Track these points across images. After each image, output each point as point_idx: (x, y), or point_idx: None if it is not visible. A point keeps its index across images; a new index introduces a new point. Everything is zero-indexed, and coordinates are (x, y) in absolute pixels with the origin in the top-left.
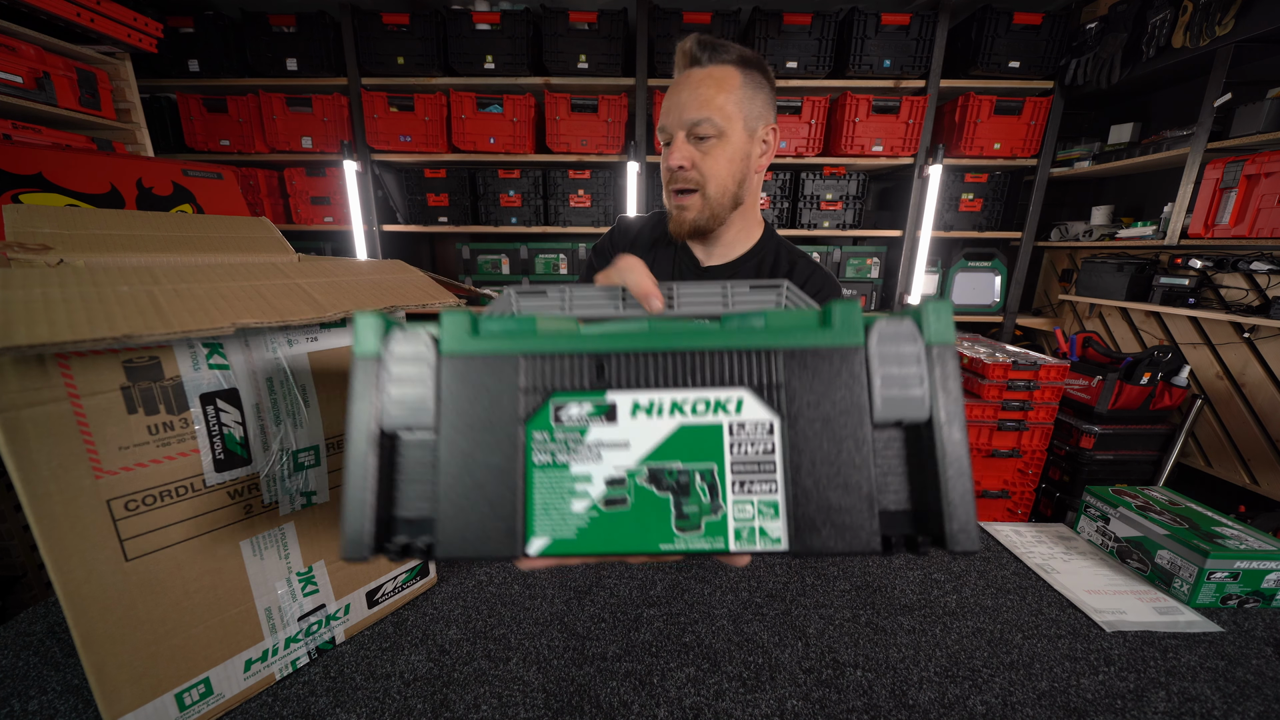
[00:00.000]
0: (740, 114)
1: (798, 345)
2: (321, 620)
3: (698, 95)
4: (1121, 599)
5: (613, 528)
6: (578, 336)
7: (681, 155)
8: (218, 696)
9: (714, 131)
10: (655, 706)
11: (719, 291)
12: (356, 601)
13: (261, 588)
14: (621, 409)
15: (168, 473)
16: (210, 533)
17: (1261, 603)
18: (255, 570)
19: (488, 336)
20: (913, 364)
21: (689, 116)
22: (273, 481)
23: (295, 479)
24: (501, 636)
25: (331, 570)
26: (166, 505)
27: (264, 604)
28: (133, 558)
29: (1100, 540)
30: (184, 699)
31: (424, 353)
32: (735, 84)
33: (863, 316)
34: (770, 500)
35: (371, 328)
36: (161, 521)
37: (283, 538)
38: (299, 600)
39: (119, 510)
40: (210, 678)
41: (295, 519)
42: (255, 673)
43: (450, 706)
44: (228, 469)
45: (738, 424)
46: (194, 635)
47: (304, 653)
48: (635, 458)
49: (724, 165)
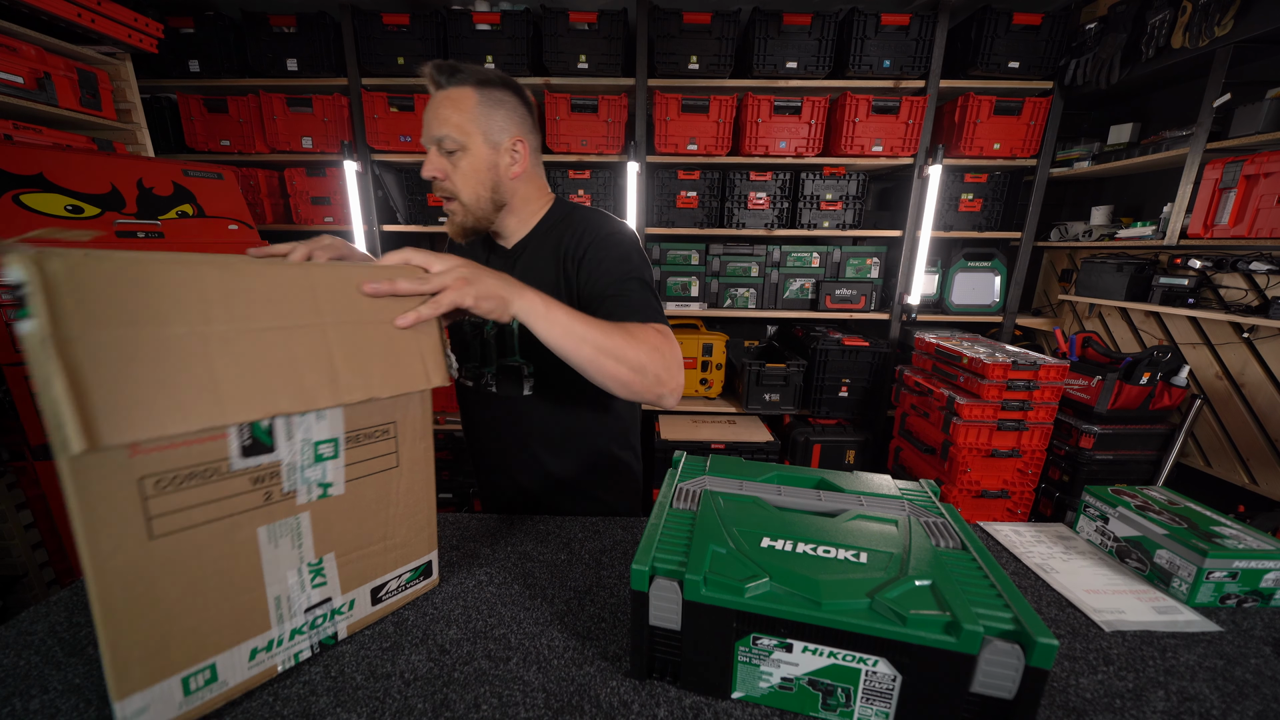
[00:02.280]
0: (478, 129)
1: (927, 644)
2: (326, 614)
3: (437, 115)
4: (1120, 598)
5: (784, 699)
6: (771, 597)
7: (433, 167)
8: (222, 684)
9: (455, 146)
10: (655, 706)
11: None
12: (361, 597)
13: (274, 575)
14: (796, 647)
15: (197, 455)
16: (231, 517)
17: (1260, 602)
18: (269, 557)
19: (712, 589)
20: (1009, 680)
21: (433, 133)
22: (293, 470)
23: (314, 469)
24: (501, 636)
25: (341, 563)
26: (193, 487)
27: (274, 592)
28: (157, 536)
29: (1099, 540)
30: (190, 683)
31: (674, 595)
32: (470, 103)
33: (981, 630)
34: (884, 711)
35: (644, 576)
36: (187, 503)
37: (298, 527)
38: (307, 591)
39: (149, 488)
40: (217, 664)
41: (311, 509)
42: (259, 662)
43: (450, 706)
44: (253, 455)
45: (871, 671)
46: (206, 619)
47: (307, 646)
48: (801, 672)
49: (471, 176)
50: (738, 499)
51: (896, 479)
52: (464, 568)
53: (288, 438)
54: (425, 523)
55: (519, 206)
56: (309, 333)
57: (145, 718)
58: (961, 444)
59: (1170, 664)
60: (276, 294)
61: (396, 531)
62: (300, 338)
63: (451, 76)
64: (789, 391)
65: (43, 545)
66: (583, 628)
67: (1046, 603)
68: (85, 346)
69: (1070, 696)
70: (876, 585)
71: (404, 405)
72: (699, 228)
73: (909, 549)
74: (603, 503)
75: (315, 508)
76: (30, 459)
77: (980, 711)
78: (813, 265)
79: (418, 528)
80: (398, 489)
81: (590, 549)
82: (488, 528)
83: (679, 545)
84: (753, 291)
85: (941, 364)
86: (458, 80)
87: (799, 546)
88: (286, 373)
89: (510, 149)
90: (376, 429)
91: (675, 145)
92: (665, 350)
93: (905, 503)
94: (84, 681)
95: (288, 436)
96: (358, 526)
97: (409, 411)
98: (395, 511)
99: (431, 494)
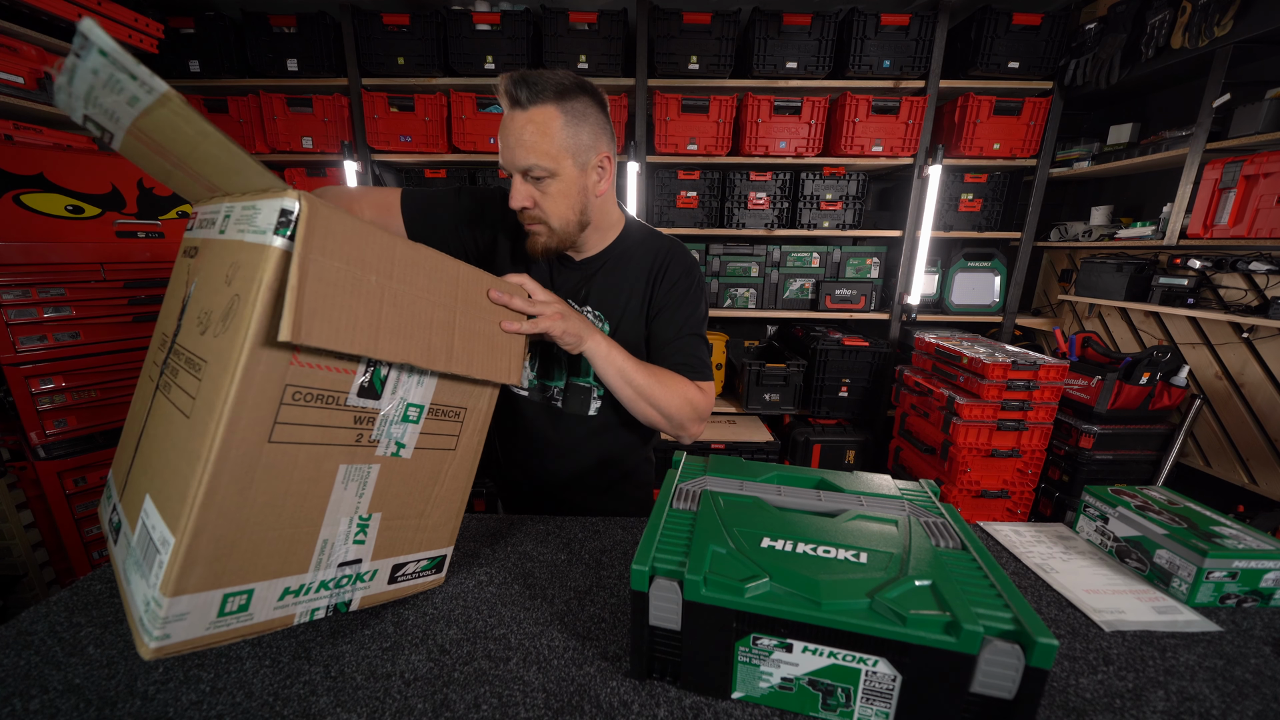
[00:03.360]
0: (568, 153)
1: (927, 644)
2: (352, 576)
3: (523, 141)
4: (1120, 598)
5: (784, 699)
6: (771, 597)
7: (522, 197)
8: (248, 616)
9: (545, 174)
10: (655, 706)
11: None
12: (383, 570)
13: (332, 516)
14: (796, 647)
15: (328, 381)
16: (327, 446)
17: (1259, 602)
18: (337, 497)
19: (712, 589)
20: (1009, 680)
21: (519, 163)
22: (385, 422)
23: (399, 428)
24: (501, 636)
25: (383, 527)
26: (315, 407)
27: (325, 534)
28: (275, 441)
29: (1099, 540)
30: (226, 604)
31: (674, 595)
32: (557, 125)
33: (981, 630)
34: (884, 711)
35: (644, 576)
36: (305, 419)
37: (367, 476)
38: (348, 544)
39: (288, 396)
40: (254, 591)
41: (382, 463)
42: (285, 605)
43: (450, 706)
44: (364, 397)
45: (871, 671)
46: (266, 540)
47: (325, 605)
48: (801, 672)
49: (562, 202)
50: (738, 499)
51: (896, 479)
52: (464, 568)
53: (393, 392)
54: (456, 512)
55: (600, 222)
56: (446, 311)
57: (179, 626)
58: (961, 444)
59: (1170, 664)
60: (435, 273)
61: (433, 512)
62: (440, 312)
63: (532, 94)
64: (789, 391)
65: (43, 545)
66: (583, 628)
67: (1046, 603)
68: (315, 266)
69: (1070, 696)
70: (876, 585)
71: (478, 396)
72: (699, 228)
73: (909, 549)
74: (631, 498)
75: (385, 463)
76: (30, 459)
77: (980, 711)
78: (813, 265)
79: (449, 515)
80: (448, 470)
81: (590, 549)
82: (488, 528)
83: (679, 545)
84: (753, 291)
85: (941, 364)
86: (540, 97)
87: (799, 547)
88: (424, 334)
89: (598, 166)
90: (452, 409)
91: (675, 145)
92: (698, 405)
93: (905, 503)
94: (84, 681)
95: (393, 391)
96: (407, 494)
97: (479, 403)
98: (439, 491)
99: (468, 487)
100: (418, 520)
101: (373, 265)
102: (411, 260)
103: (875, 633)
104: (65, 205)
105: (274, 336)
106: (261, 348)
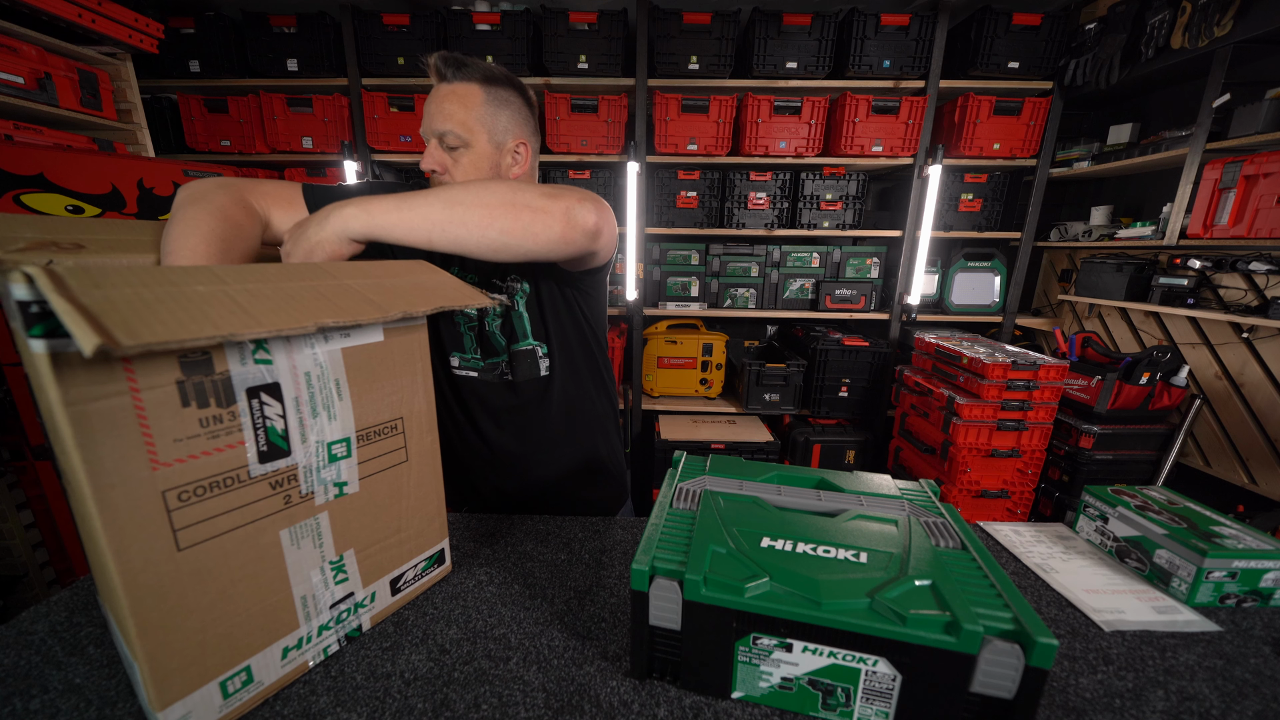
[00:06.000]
0: (483, 128)
1: (927, 644)
2: (350, 608)
3: (442, 108)
4: (1120, 598)
5: (784, 699)
6: (771, 597)
7: (432, 160)
8: (258, 684)
9: (459, 143)
10: (655, 706)
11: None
12: (381, 589)
13: (298, 576)
14: (796, 647)
15: (216, 464)
16: (254, 522)
17: (1259, 602)
18: (293, 559)
19: (712, 589)
20: (1009, 679)
21: (435, 127)
22: (309, 472)
23: (329, 470)
24: (501, 636)
25: (361, 559)
26: (215, 496)
27: (300, 592)
28: (184, 547)
29: (1099, 540)
30: (228, 687)
31: (674, 595)
32: (477, 100)
33: (981, 630)
34: (884, 710)
35: (643, 576)
36: (211, 512)
37: (317, 527)
38: (331, 588)
39: (173, 501)
40: (251, 665)
41: (329, 509)
42: (291, 660)
43: (451, 706)
44: (270, 460)
45: (871, 671)
46: (238, 623)
47: (334, 640)
48: (801, 672)
49: (472, 173)
50: (738, 499)
51: (896, 479)
52: (464, 568)
53: (302, 441)
54: (435, 513)
55: None
56: (331, 283)
57: None
58: (961, 444)
59: (1170, 664)
60: (289, 272)
61: (410, 523)
62: (324, 287)
63: (458, 70)
64: (789, 391)
65: (43, 545)
66: (583, 628)
67: (1046, 603)
68: (90, 280)
69: (1070, 696)
70: (876, 585)
71: (409, 400)
72: (699, 228)
73: (909, 549)
74: (588, 503)
75: (333, 507)
76: (30, 459)
77: (980, 711)
78: (813, 265)
79: (429, 518)
80: (409, 482)
81: (590, 549)
82: (488, 528)
83: (679, 545)
84: (753, 291)
85: (941, 364)
86: (465, 75)
87: (799, 546)
88: (320, 303)
89: (513, 150)
90: (385, 425)
91: (675, 145)
92: (525, 194)
93: (905, 503)
94: (84, 681)
95: (302, 440)
96: (374, 521)
97: (415, 406)
98: (407, 504)
99: (439, 484)
100: (396, 537)
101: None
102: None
103: (875, 632)
104: (65, 205)
105: (115, 458)
106: (103, 473)
